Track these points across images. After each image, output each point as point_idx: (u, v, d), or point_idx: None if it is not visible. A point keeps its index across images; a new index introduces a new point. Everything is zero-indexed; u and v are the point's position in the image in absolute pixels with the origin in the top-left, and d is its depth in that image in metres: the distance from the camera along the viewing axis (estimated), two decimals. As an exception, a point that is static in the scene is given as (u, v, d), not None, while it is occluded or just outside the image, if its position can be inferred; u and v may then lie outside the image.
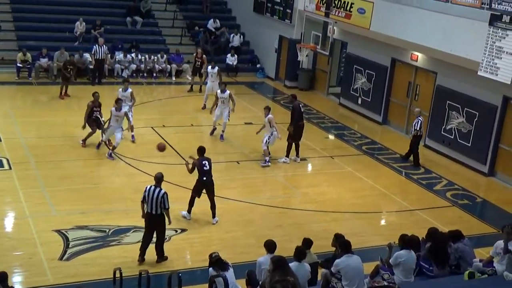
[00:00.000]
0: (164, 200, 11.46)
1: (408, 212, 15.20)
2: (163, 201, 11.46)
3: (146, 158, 16.79)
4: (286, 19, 26.27)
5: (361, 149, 19.51)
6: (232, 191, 15.21)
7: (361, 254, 10.29)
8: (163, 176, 11.78)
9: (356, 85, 23.26)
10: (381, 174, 17.56)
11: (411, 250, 10.34)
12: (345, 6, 22.38)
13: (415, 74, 20.86)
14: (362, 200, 15.62)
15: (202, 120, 20.93)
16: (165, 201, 11.48)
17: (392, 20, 20.08)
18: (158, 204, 11.46)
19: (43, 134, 18.23)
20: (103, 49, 24.19)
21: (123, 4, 28.91)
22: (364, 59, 22.82)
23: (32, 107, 20.96)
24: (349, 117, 22.23)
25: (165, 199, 11.47)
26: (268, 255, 9.71)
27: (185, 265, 11.94)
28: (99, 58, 24.08)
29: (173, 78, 26.06)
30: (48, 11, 27.43)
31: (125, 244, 12.33)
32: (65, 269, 11.24)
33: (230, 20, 30.64)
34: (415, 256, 10.33)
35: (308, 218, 14.30)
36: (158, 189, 11.50)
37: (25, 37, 25.72)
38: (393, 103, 21.89)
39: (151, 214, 11.56)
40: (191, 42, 28.76)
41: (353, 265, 9.78)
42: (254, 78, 27.77)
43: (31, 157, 16.39)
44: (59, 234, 12.41)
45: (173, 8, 29.73)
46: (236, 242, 12.77)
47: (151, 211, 11.53)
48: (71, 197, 14.23)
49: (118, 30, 27.54)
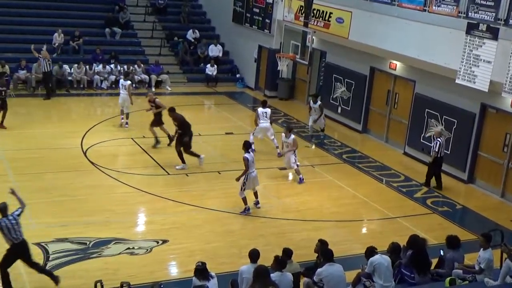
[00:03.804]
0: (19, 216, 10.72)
1: (389, 220, 15.27)
2: (18, 220, 10.65)
3: (127, 170, 16.72)
4: (265, 29, 26.38)
5: (341, 157, 19.58)
6: (213, 201, 15.17)
7: (343, 263, 10.33)
8: (6, 206, 10.73)
9: (335, 94, 23.38)
10: (362, 183, 17.63)
11: (384, 255, 10.36)
12: (323, 15, 22.51)
13: (394, 82, 21.01)
14: (343, 209, 15.66)
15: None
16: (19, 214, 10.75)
17: (370, 29, 20.23)
18: (20, 228, 10.67)
19: (21, 146, 18.07)
20: (47, 62, 23.35)
21: (101, 15, 28.83)
22: (343, 68, 22.95)
23: (10, 119, 20.72)
24: (329, 126, 22.32)
25: (18, 214, 10.72)
26: (250, 264, 9.71)
27: (166, 276, 11.87)
28: (45, 71, 23.40)
29: (152, 88, 26.01)
30: (27, 22, 27.26)
31: (106, 256, 12.22)
32: (46, 283, 11.10)
33: (210, 31, 30.73)
34: (389, 259, 10.32)
35: (289, 227, 14.30)
36: (11, 217, 10.61)
37: (3, 49, 25.53)
38: (373, 111, 22.02)
39: (20, 243, 10.69)
40: (171, 53, 28.75)
41: (335, 273, 9.80)
42: (234, 88, 27.83)
43: (9, 170, 16.23)
44: (39, 247, 12.26)
45: (152, 19, 29.71)
46: (218, 252, 12.72)
47: (18, 240, 10.64)
48: (51, 210, 14.10)
49: (97, 41, 27.40)
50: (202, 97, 26.35)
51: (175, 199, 15.11)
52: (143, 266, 11.96)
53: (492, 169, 17.54)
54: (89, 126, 20.07)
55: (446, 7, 17.45)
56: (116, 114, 19.44)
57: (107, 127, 19.99)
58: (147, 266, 11.96)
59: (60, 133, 19.50)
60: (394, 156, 20.07)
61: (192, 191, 15.90)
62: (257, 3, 26.88)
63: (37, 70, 23.90)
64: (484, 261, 10.56)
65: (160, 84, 26.53)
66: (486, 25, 15.94)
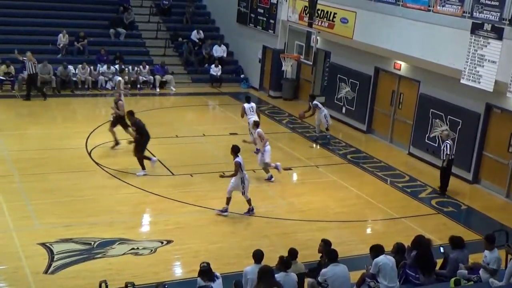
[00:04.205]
0: None
1: (394, 220, 15.24)
2: None
3: (131, 170, 16.73)
4: (269, 30, 26.37)
5: (346, 158, 19.56)
6: (217, 202, 15.13)
7: (347, 263, 10.30)
8: None
9: (340, 94, 23.36)
10: (366, 183, 17.61)
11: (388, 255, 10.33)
12: (328, 16, 22.49)
13: (398, 82, 20.98)
14: (347, 209, 15.64)
15: (186, 131, 20.88)
16: None
17: (375, 29, 20.21)
18: None
19: (26, 147, 18.10)
20: (31, 64, 23.07)
21: (106, 16, 28.88)
22: (347, 69, 22.92)
23: (15, 120, 20.80)
24: (334, 126, 22.29)
25: None
26: (255, 265, 9.70)
27: (171, 276, 11.87)
28: (31, 73, 23.07)
29: (157, 89, 26.04)
30: (32, 23, 27.33)
31: (110, 257, 12.23)
32: (50, 283, 11.13)
33: (214, 31, 30.72)
34: (393, 260, 10.30)
35: (294, 228, 14.29)
36: None
37: (8, 49, 25.56)
38: (377, 111, 21.99)
39: None
40: (175, 53, 28.77)
41: (340, 274, 9.78)
42: (238, 89, 27.83)
43: (14, 170, 16.26)
44: (43, 247, 12.29)
45: (156, 20, 29.74)
46: (222, 253, 12.72)
47: None
48: (55, 210, 14.11)
49: (101, 42, 27.43)
50: (207, 97, 26.37)
51: (179, 200, 15.11)
52: (147, 267, 11.96)
53: (497, 170, 17.49)
54: (93, 127, 20.09)
55: (450, 7, 17.41)
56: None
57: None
58: (152, 267, 11.97)
59: (64, 134, 19.53)
60: (399, 157, 20.03)
61: (196, 191, 15.90)
62: (262, 3, 26.87)
63: (42, 70, 23.94)
64: (495, 261, 10.49)
65: (165, 84, 26.55)
66: (490, 25, 15.90)
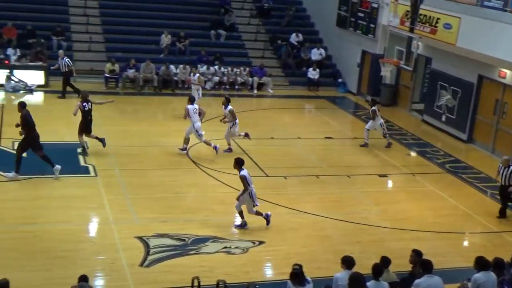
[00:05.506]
0: None
1: (493, 234, 14.68)
2: None
3: (227, 170, 16.93)
4: (369, 34, 26.07)
5: (444, 167, 19.02)
6: (310, 205, 15.13)
7: (441, 275, 9.99)
8: None
9: (440, 102, 22.75)
10: (465, 194, 17.04)
11: (490, 271, 9.94)
12: (430, 21, 21.98)
13: (503, 91, 20.20)
14: (443, 220, 15.20)
15: (282, 133, 20.97)
16: None
17: (480, 36, 19.56)
18: None
19: (127, 143, 18.75)
20: (64, 61, 22.94)
21: (207, 18, 29.48)
22: (449, 76, 22.30)
23: (118, 116, 21.56)
24: (432, 134, 21.74)
25: None
26: (345, 271, 9.58)
27: (261, 277, 11.96)
28: (64, 71, 22.95)
29: (254, 91, 26.31)
30: (136, 23, 28.31)
31: (203, 254, 12.46)
32: (145, 276, 11.47)
33: (313, 34, 30.68)
34: (495, 277, 9.92)
35: (387, 236, 14.05)
36: None
37: (114, 48, 26.62)
38: (479, 121, 21.27)
39: None
40: (274, 56, 28.97)
41: (434, 286, 9.51)
42: (335, 93, 27.69)
43: (115, 165, 16.87)
44: (140, 241, 12.69)
45: (256, 22, 30.06)
46: (313, 257, 12.67)
47: None
48: (153, 205, 14.54)
49: (202, 42, 28.04)
50: (303, 100, 26.38)
51: (272, 201, 15.18)
52: (239, 266, 12.10)
53: None
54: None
55: (563, 14, 16.64)
56: (219, 114, 19.75)
57: (209, 127, 20.32)
58: (243, 266, 12.09)
59: (164, 131, 20.08)
60: (501, 168, 19.27)
61: (290, 194, 15.94)
62: (362, 7, 26.60)
63: (145, 69, 24.80)
64: None
65: (262, 86, 26.78)
66: None
